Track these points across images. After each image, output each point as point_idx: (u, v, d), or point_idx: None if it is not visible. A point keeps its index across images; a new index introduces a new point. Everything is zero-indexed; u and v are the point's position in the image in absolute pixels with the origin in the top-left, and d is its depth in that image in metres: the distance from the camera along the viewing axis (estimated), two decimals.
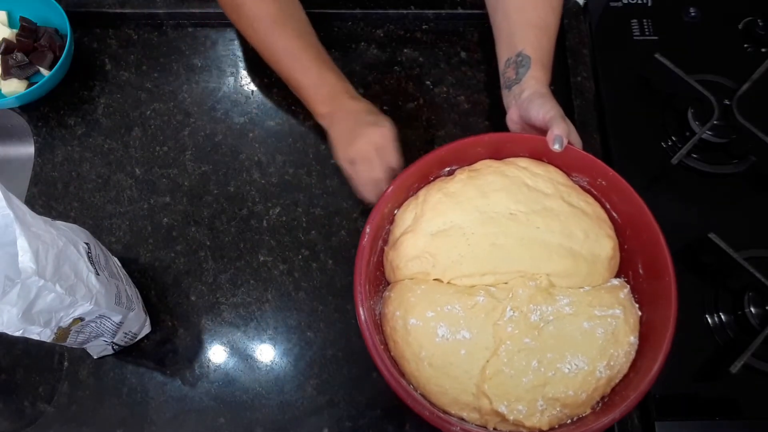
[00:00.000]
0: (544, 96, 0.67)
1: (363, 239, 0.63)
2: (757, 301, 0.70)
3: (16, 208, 0.52)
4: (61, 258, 0.55)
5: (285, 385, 0.70)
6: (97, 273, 0.59)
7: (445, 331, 0.59)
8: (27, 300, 0.50)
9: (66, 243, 0.56)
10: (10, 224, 0.52)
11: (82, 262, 0.57)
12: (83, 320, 0.57)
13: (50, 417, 0.69)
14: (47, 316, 0.53)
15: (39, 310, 0.52)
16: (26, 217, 0.53)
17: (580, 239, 0.64)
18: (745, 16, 0.88)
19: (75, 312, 0.55)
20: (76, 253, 0.57)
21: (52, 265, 0.53)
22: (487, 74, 0.86)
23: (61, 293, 0.53)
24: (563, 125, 0.63)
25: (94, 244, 0.64)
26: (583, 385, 0.58)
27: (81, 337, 0.61)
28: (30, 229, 0.52)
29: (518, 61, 0.70)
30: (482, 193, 0.65)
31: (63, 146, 0.82)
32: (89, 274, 0.58)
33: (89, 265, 0.59)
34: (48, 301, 0.52)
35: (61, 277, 0.54)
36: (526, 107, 0.67)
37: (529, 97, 0.67)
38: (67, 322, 0.55)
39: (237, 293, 0.75)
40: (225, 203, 0.79)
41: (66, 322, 0.55)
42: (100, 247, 0.66)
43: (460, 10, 0.86)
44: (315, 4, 0.90)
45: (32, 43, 0.83)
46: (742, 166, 0.80)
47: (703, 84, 0.80)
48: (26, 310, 0.50)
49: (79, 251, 0.58)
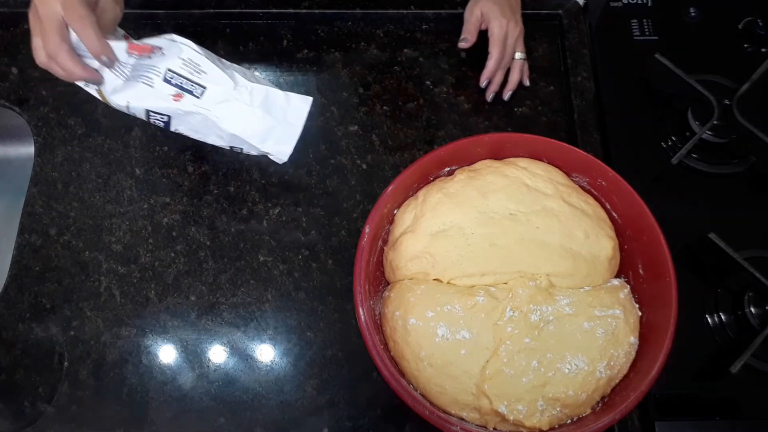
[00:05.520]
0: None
1: (363, 239, 0.63)
2: (757, 301, 0.70)
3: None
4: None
5: (285, 385, 0.70)
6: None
7: (445, 331, 0.59)
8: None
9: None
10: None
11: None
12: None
13: (50, 417, 0.69)
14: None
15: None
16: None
17: (580, 239, 0.64)
18: (745, 16, 0.88)
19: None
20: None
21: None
22: None
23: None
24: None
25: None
26: (583, 386, 0.58)
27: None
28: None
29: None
30: (482, 193, 0.65)
31: (63, 146, 0.82)
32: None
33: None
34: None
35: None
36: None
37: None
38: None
39: (237, 293, 0.75)
40: (225, 203, 0.79)
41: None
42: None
43: (460, 10, 0.86)
44: (315, 4, 0.90)
45: None
46: (742, 166, 0.80)
47: (703, 84, 0.80)
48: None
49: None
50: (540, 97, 0.86)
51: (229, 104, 0.64)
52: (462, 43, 0.82)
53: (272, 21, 0.90)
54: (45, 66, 0.60)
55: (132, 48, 0.62)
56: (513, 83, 0.84)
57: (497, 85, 0.84)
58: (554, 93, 0.86)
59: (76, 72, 0.60)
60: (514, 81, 0.83)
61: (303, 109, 0.68)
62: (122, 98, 0.64)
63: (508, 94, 0.84)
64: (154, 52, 0.63)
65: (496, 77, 0.83)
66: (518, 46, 0.83)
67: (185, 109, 0.64)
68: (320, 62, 0.88)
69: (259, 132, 0.67)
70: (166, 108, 0.64)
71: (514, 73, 0.83)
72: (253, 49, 0.88)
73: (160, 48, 0.63)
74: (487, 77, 0.83)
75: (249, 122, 0.65)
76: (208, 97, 0.64)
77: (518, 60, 0.83)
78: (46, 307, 0.74)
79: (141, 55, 0.63)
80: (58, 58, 0.59)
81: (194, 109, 0.64)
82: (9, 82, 0.85)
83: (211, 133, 0.67)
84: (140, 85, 0.63)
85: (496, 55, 0.81)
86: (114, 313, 0.73)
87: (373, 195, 0.79)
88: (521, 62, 0.83)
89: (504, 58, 0.82)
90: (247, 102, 0.65)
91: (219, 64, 0.65)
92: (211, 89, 0.64)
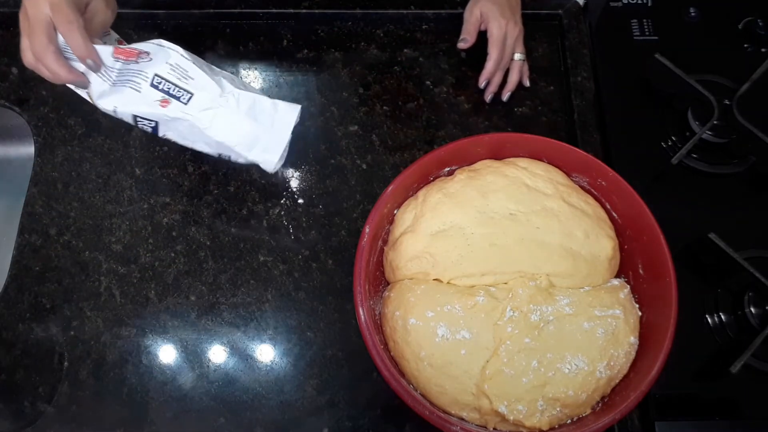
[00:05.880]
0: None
1: (362, 239, 0.63)
2: (757, 301, 0.70)
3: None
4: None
5: (285, 385, 0.70)
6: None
7: (445, 331, 0.59)
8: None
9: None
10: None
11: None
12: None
13: (50, 417, 0.69)
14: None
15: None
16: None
17: (580, 239, 0.64)
18: (745, 16, 0.88)
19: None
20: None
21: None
22: None
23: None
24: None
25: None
26: (583, 386, 0.58)
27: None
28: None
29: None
30: (482, 193, 0.65)
31: (63, 146, 0.82)
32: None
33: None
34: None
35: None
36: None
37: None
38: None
39: (237, 293, 0.75)
40: (225, 203, 0.79)
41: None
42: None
43: (460, 10, 0.86)
44: (315, 4, 0.90)
45: None
46: (742, 166, 0.80)
47: (703, 84, 0.80)
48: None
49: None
50: (540, 97, 0.86)
51: (216, 111, 0.64)
52: (461, 44, 0.82)
53: (272, 21, 0.90)
54: (32, 67, 0.60)
55: (117, 52, 0.62)
56: (512, 84, 0.84)
57: (496, 86, 0.84)
58: (554, 93, 0.86)
59: (62, 74, 0.59)
60: (513, 82, 0.84)
61: (290, 117, 0.67)
62: (109, 103, 0.63)
63: (506, 95, 0.84)
64: (141, 57, 0.63)
65: (495, 78, 0.83)
66: (517, 46, 0.83)
67: (172, 115, 0.63)
68: (320, 62, 0.88)
69: (245, 140, 0.66)
70: (152, 114, 0.63)
71: (513, 74, 0.83)
72: (253, 49, 0.88)
73: (148, 53, 0.63)
74: (485, 78, 0.83)
75: (235, 130, 0.65)
76: (195, 103, 0.63)
77: (517, 61, 0.83)
78: (46, 307, 0.74)
79: (127, 60, 0.62)
80: (45, 60, 0.58)
81: (181, 115, 0.63)
82: (9, 82, 0.85)
83: (198, 140, 0.67)
84: (128, 89, 0.62)
85: (495, 56, 0.81)
86: (114, 313, 0.73)
87: (373, 195, 0.79)
88: (520, 63, 0.83)
89: (503, 59, 0.82)
90: (233, 109, 0.64)
91: (207, 70, 0.65)
92: (198, 95, 0.63)
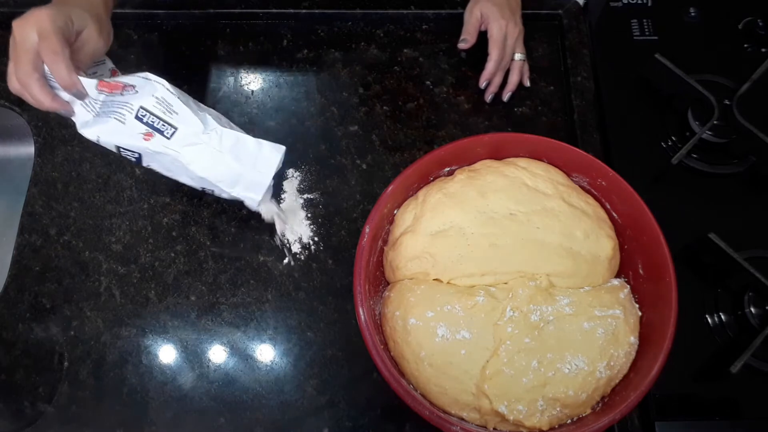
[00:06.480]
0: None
1: (362, 239, 0.63)
2: (757, 301, 0.70)
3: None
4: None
5: (285, 385, 0.70)
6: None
7: (445, 331, 0.59)
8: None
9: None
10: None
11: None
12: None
13: (50, 417, 0.69)
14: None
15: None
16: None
17: (580, 239, 0.64)
18: (745, 16, 0.88)
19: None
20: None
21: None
22: None
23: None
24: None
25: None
26: (583, 386, 0.58)
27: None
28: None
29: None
30: (482, 193, 0.65)
31: (63, 146, 0.82)
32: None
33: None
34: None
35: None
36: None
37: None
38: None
39: (237, 293, 0.75)
40: (225, 203, 0.79)
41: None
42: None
43: (460, 10, 0.86)
44: (315, 4, 0.90)
45: None
46: (742, 166, 0.80)
47: (703, 84, 0.80)
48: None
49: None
50: (540, 97, 0.86)
51: (198, 147, 0.63)
52: (461, 44, 0.82)
53: (272, 21, 0.90)
54: (17, 92, 0.60)
55: (102, 85, 0.61)
56: (512, 84, 0.84)
57: (496, 87, 0.84)
58: (554, 93, 0.86)
59: (45, 103, 0.59)
60: (513, 82, 0.84)
61: (275, 158, 0.67)
62: (92, 133, 0.63)
63: (507, 95, 0.84)
64: (126, 90, 0.62)
65: (495, 78, 0.83)
66: (518, 47, 0.83)
67: (154, 149, 0.63)
68: (320, 62, 0.88)
69: (227, 177, 0.65)
70: (136, 146, 0.63)
71: (514, 74, 0.83)
72: (253, 49, 0.88)
73: (133, 86, 0.62)
74: (486, 78, 0.83)
75: (217, 167, 0.64)
76: (178, 138, 0.63)
77: (518, 61, 0.83)
78: (46, 307, 0.74)
79: (112, 93, 0.62)
80: (29, 88, 0.58)
81: (163, 149, 0.63)
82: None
83: (182, 174, 0.66)
84: (112, 120, 0.62)
85: (495, 57, 0.81)
86: (114, 313, 0.73)
87: (373, 195, 0.79)
88: (521, 63, 0.83)
89: (503, 60, 0.82)
90: (216, 146, 0.64)
91: (192, 106, 0.64)
92: (181, 130, 0.63)
